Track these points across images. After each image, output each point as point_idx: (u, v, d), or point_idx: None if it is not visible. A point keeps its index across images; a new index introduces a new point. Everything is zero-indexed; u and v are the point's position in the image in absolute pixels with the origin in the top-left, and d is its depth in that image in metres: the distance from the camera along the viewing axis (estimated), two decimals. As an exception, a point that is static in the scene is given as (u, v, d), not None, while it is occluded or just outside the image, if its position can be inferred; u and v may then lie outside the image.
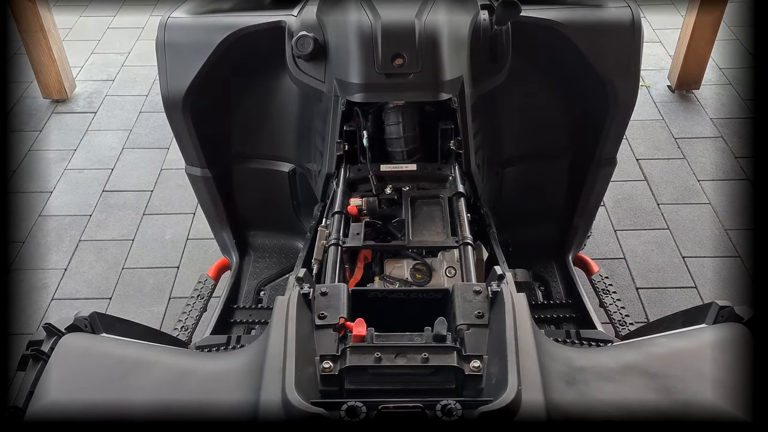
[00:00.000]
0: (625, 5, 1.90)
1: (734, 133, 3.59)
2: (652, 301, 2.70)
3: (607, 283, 2.23)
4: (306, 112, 1.99)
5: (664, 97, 3.90)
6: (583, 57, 1.88)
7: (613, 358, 1.16)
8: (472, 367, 1.04)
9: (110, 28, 4.66)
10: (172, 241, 2.93)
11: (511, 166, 2.14)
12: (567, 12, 1.89)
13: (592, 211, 2.30)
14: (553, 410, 0.98)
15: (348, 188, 1.76)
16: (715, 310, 1.19)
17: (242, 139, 2.10)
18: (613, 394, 1.04)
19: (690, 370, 1.09)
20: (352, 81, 1.73)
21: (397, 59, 1.69)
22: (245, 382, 1.05)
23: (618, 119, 1.98)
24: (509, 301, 1.14)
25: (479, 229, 1.82)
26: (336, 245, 1.53)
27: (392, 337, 1.13)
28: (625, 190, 3.24)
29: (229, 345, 1.47)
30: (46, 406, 1.01)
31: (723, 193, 3.21)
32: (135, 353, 1.16)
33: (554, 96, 2.06)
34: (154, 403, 1.03)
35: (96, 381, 1.08)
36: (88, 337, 1.15)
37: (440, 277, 1.57)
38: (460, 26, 1.80)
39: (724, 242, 2.95)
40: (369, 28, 1.71)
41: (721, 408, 1.00)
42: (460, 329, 1.13)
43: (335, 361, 1.04)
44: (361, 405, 0.93)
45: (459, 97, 1.77)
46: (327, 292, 1.20)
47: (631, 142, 3.52)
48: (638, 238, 3.00)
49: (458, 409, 0.92)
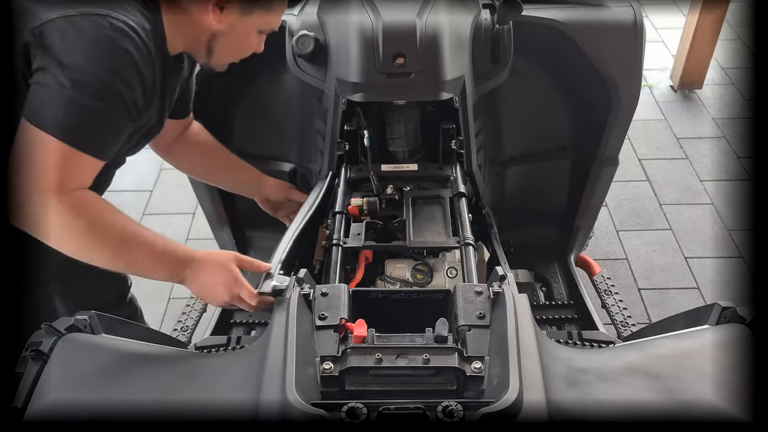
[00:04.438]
0: (628, 5, 1.89)
1: (737, 134, 3.58)
2: (654, 302, 2.69)
3: (609, 283, 2.22)
4: (306, 112, 1.99)
5: (666, 96, 3.90)
6: (585, 57, 1.87)
7: (615, 359, 1.15)
8: (473, 368, 1.03)
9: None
10: (172, 241, 2.94)
11: (513, 166, 2.14)
12: (569, 11, 1.89)
13: (594, 212, 2.30)
14: (555, 411, 0.97)
15: (349, 188, 1.75)
16: (717, 311, 1.18)
17: (242, 138, 2.10)
18: (614, 395, 1.03)
19: (692, 371, 1.08)
20: (352, 80, 1.73)
21: (398, 59, 1.69)
22: (245, 383, 1.05)
23: (620, 119, 1.98)
24: (511, 302, 1.14)
25: (480, 229, 1.81)
26: (337, 246, 1.53)
27: (393, 338, 1.12)
28: (627, 190, 3.24)
29: (229, 346, 1.46)
30: (45, 406, 1.00)
31: (725, 194, 3.20)
32: (134, 354, 1.16)
33: (556, 96, 2.06)
34: (153, 404, 1.03)
35: (96, 381, 1.08)
36: (87, 338, 1.15)
37: (441, 278, 1.57)
38: (461, 25, 1.79)
39: (727, 243, 2.94)
40: (370, 27, 1.71)
41: (724, 409, 0.99)
42: (461, 330, 1.13)
43: (336, 362, 1.04)
44: (361, 406, 0.92)
45: (460, 96, 1.76)
46: (328, 292, 1.19)
47: (633, 142, 3.51)
48: (640, 239, 2.99)
49: (459, 410, 0.92)
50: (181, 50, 1.42)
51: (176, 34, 1.36)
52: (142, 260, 1.29)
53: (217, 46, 1.41)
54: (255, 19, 1.40)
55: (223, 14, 1.34)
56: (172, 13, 1.33)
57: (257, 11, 1.39)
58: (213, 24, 1.35)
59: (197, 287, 1.34)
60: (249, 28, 1.41)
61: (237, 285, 1.33)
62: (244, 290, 1.33)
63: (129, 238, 1.27)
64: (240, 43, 1.44)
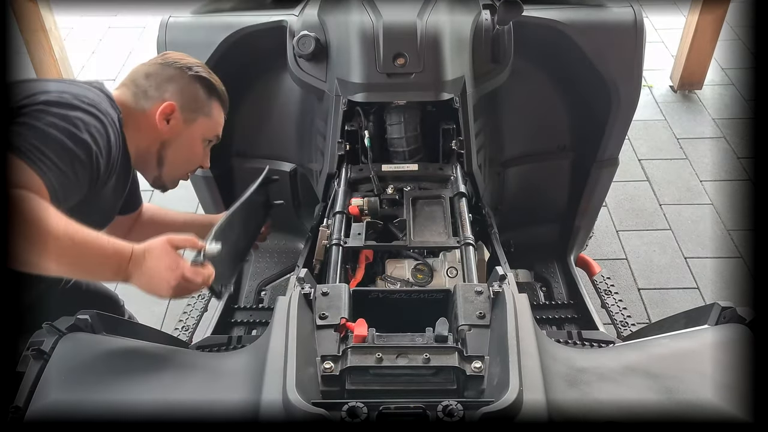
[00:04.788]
0: (628, 5, 1.89)
1: (736, 134, 3.58)
2: (654, 302, 2.69)
3: (609, 283, 2.22)
4: (307, 112, 1.99)
5: (666, 97, 3.90)
6: (585, 57, 1.87)
7: (615, 359, 1.15)
8: (473, 367, 1.03)
9: (111, 27, 4.66)
10: (173, 240, 2.93)
11: (513, 166, 2.14)
12: (569, 12, 1.89)
13: (594, 212, 2.30)
14: (555, 411, 0.98)
15: (349, 188, 1.76)
16: (717, 311, 1.18)
17: (243, 138, 2.10)
18: (614, 394, 1.03)
19: (692, 371, 1.08)
20: (353, 80, 1.73)
21: (398, 59, 1.69)
22: (246, 382, 1.05)
23: (620, 119, 1.98)
24: (511, 302, 1.14)
25: (481, 229, 1.81)
26: (337, 245, 1.53)
27: (393, 338, 1.13)
28: (627, 190, 3.24)
29: (230, 345, 1.47)
30: (46, 405, 1.01)
31: (725, 194, 3.20)
32: (135, 353, 1.16)
33: (556, 96, 2.06)
34: (154, 403, 1.03)
35: (96, 381, 1.08)
36: (88, 337, 1.15)
37: (441, 278, 1.57)
38: (461, 26, 1.79)
39: (727, 243, 2.94)
40: (370, 27, 1.71)
41: (724, 409, 0.99)
42: (461, 330, 1.13)
43: (336, 361, 1.04)
44: (362, 405, 0.92)
45: (461, 96, 1.76)
46: (328, 292, 1.19)
47: (633, 142, 3.51)
48: (640, 239, 2.99)
49: (459, 409, 0.92)
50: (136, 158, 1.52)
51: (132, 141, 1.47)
52: (84, 258, 1.22)
53: (168, 155, 1.53)
54: (198, 126, 1.54)
55: (170, 124, 1.49)
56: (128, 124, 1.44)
57: (200, 118, 1.54)
58: (162, 133, 1.49)
59: (144, 279, 1.27)
60: (194, 136, 1.55)
61: (179, 266, 1.27)
62: (187, 269, 1.28)
63: (68, 235, 1.18)
64: (188, 150, 1.56)
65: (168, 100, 1.48)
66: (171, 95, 1.49)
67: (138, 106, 1.48)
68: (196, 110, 1.53)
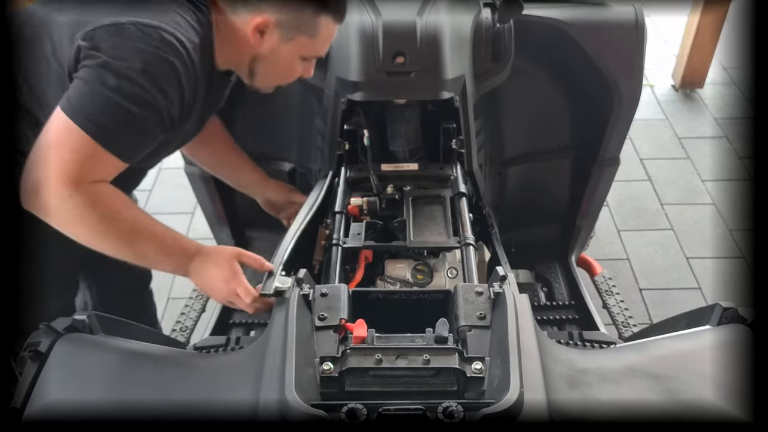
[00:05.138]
0: (629, 4, 1.89)
1: (738, 133, 3.58)
2: (655, 303, 2.69)
3: (610, 284, 2.22)
4: (306, 111, 1.98)
5: (667, 96, 3.89)
6: (586, 56, 1.87)
7: (616, 360, 1.15)
8: (473, 368, 1.03)
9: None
10: (173, 240, 2.93)
11: (514, 166, 2.13)
12: (570, 10, 1.88)
13: (595, 212, 2.29)
14: (556, 412, 0.97)
15: (349, 188, 1.75)
16: (719, 311, 1.18)
17: (242, 137, 2.09)
18: (616, 395, 1.03)
19: (693, 371, 1.08)
20: (352, 79, 1.72)
21: (398, 57, 1.68)
22: (244, 384, 1.05)
23: (621, 118, 1.97)
24: (511, 303, 1.13)
25: (481, 229, 1.81)
26: (336, 245, 1.52)
27: (393, 339, 1.12)
28: (629, 190, 3.23)
29: (228, 346, 1.46)
30: (44, 406, 1.00)
31: (727, 194, 3.20)
32: (133, 354, 1.16)
33: (557, 95, 2.05)
34: (152, 404, 1.03)
35: (94, 381, 1.08)
36: (86, 338, 1.15)
37: (442, 278, 1.56)
38: (461, 24, 1.78)
39: (728, 243, 2.94)
40: (370, 26, 1.70)
41: (725, 410, 0.99)
42: (461, 330, 1.12)
43: (335, 362, 1.03)
44: (361, 407, 0.92)
45: (461, 95, 1.76)
46: (327, 293, 1.19)
47: (634, 142, 3.51)
48: (642, 239, 2.98)
49: (460, 411, 0.92)
50: (227, 67, 1.45)
51: (223, 51, 1.38)
52: (150, 251, 1.33)
53: (259, 70, 1.43)
54: (297, 45, 1.39)
55: (264, 39, 1.36)
56: (220, 30, 1.36)
57: (299, 37, 1.38)
58: (254, 47, 1.37)
59: (200, 281, 1.36)
60: (291, 54, 1.41)
61: (234, 281, 1.35)
62: (241, 287, 1.34)
63: (139, 230, 1.30)
64: (282, 68, 1.44)
65: (266, 11, 1.32)
66: (270, 7, 1.33)
67: (232, 15, 1.35)
68: (297, 28, 1.36)
